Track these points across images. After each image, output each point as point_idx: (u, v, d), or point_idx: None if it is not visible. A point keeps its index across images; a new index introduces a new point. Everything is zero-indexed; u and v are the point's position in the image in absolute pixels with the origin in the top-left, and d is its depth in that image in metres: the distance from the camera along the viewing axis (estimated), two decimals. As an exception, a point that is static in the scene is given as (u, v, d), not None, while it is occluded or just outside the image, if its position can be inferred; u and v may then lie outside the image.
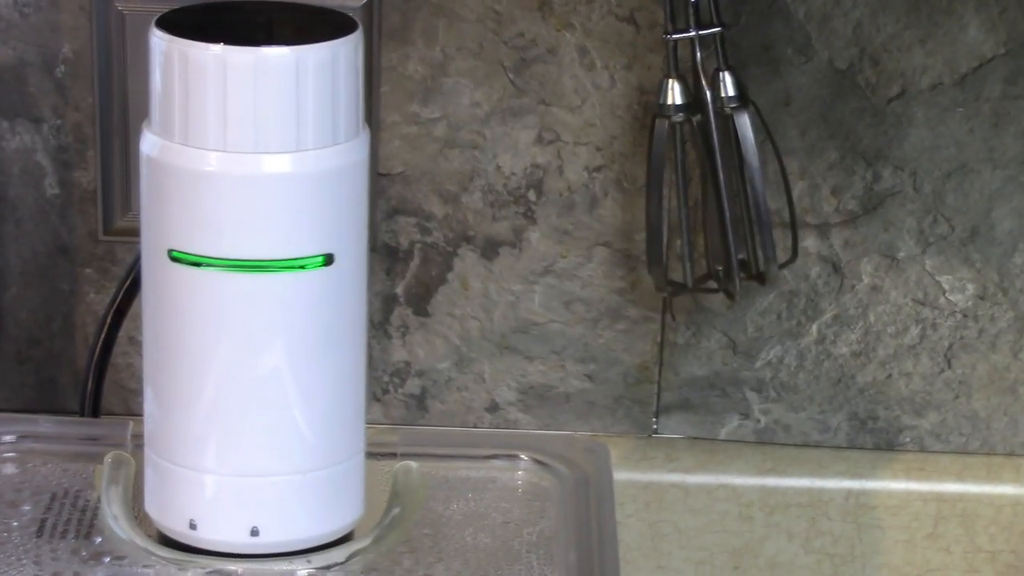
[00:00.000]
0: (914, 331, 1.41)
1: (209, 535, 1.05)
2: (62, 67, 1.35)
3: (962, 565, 1.41)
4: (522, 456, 1.16)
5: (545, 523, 1.12)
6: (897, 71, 1.35)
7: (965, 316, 1.40)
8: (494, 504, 1.14)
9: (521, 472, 1.16)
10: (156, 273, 1.03)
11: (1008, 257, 1.39)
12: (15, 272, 1.39)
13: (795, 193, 1.36)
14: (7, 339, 1.40)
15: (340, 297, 1.04)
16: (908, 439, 1.43)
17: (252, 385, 1.03)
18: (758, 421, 1.43)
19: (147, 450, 1.06)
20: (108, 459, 1.13)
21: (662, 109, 1.31)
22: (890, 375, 1.42)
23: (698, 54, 1.29)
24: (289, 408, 1.04)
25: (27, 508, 1.10)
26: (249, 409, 1.04)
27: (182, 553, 1.05)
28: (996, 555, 1.41)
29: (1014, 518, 1.41)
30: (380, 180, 1.37)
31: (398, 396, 1.42)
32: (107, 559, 1.05)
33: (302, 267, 1.01)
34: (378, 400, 1.40)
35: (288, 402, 1.04)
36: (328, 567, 1.05)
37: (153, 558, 1.05)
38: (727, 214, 1.30)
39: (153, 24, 1.00)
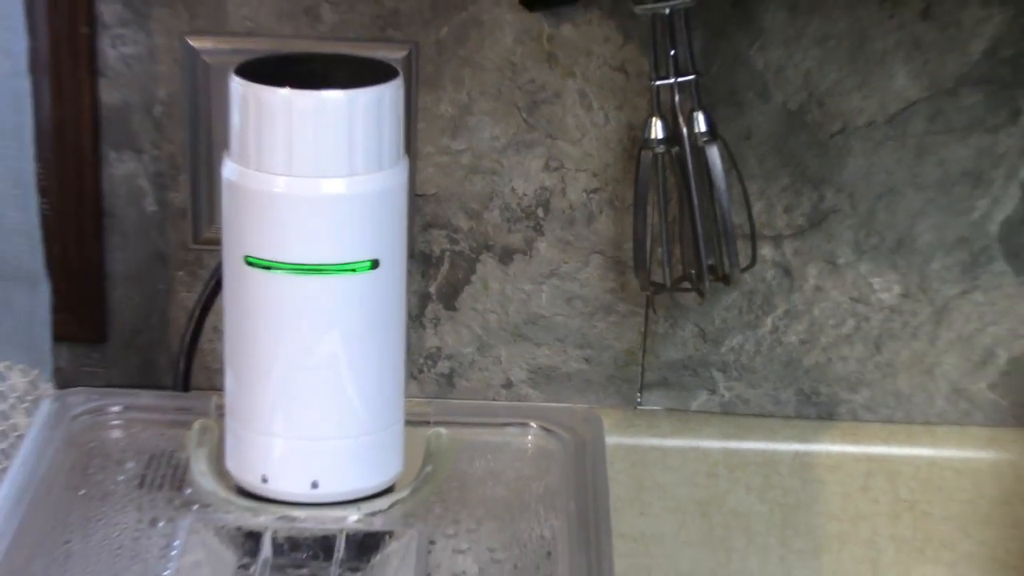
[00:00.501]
0: (850, 323, 1.40)
1: (277, 487, 1.04)
2: (159, 107, 1.33)
3: (887, 512, 1.40)
4: (531, 424, 1.15)
5: (550, 479, 1.11)
6: (838, 111, 1.34)
7: (892, 311, 1.39)
8: (508, 463, 1.13)
9: (531, 437, 1.15)
10: (235, 275, 1.02)
11: (927, 264, 1.38)
12: (121, 276, 1.38)
13: (754, 210, 1.35)
14: (115, 330, 1.39)
15: (384, 295, 1.03)
16: (844, 411, 1.42)
17: (312, 366, 1.02)
18: (723, 396, 1.42)
19: (227, 418, 1.06)
20: (196, 426, 1.12)
21: (647, 142, 1.29)
22: (830, 359, 1.41)
23: (676, 97, 1.28)
24: (342, 384, 1.03)
25: (131, 465, 1.09)
26: (309, 385, 1.03)
27: (255, 502, 1.04)
28: (914, 504, 1.40)
29: (929, 475, 1.40)
30: (417, 199, 1.35)
31: (431, 375, 1.41)
32: (195, 507, 1.04)
33: (353, 270, 1.01)
34: (414, 378, 1.40)
35: (341, 379, 1.03)
36: (374, 513, 1.04)
37: (232, 506, 1.04)
38: (699, 228, 1.29)
39: (232, 72, 0.99)
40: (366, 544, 1.03)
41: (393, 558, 1.02)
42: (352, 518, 1.04)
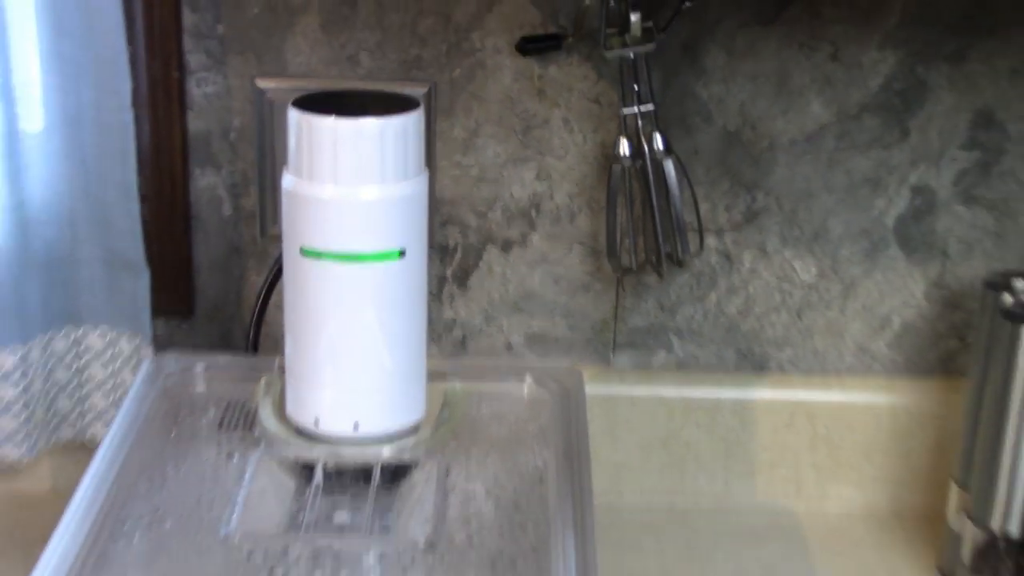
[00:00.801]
0: (777, 297, 1.41)
1: (326, 428, 1.05)
2: (233, 133, 1.35)
3: (806, 444, 1.41)
4: (527, 378, 1.16)
5: (542, 420, 1.12)
6: (766, 132, 1.35)
7: (809, 288, 1.40)
8: (509, 408, 1.14)
9: (526, 388, 1.16)
10: (292, 263, 1.04)
11: (837, 250, 1.38)
12: (205, 264, 1.39)
13: (701, 210, 1.36)
14: (200, 306, 1.40)
15: (410, 277, 1.05)
16: (773, 365, 1.43)
17: (353, 333, 1.04)
18: (678, 355, 1.43)
19: (287, 375, 1.07)
20: (263, 381, 1.13)
21: (616, 158, 1.31)
22: (762, 325, 1.42)
23: (639, 122, 1.29)
24: (377, 347, 1.05)
25: (211, 412, 1.11)
26: (351, 348, 1.05)
27: (309, 440, 1.06)
28: (828, 438, 1.40)
29: (840, 415, 1.41)
30: (436, 202, 1.36)
31: (447, 340, 1.42)
32: (262, 444, 1.06)
33: (385, 258, 1.02)
34: (434, 342, 1.40)
35: (376, 343, 1.05)
36: (403, 448, 1.06)
37: (291, 443, 1.06)
38: (658, 223, 1.31)
39: (290, 105, 1.01)
40: (397, 472, 1.04)
41: (418, 483, 1.03)
42: (386, 452, 1.06)
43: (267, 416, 1.09)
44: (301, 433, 1.07)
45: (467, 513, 1.00)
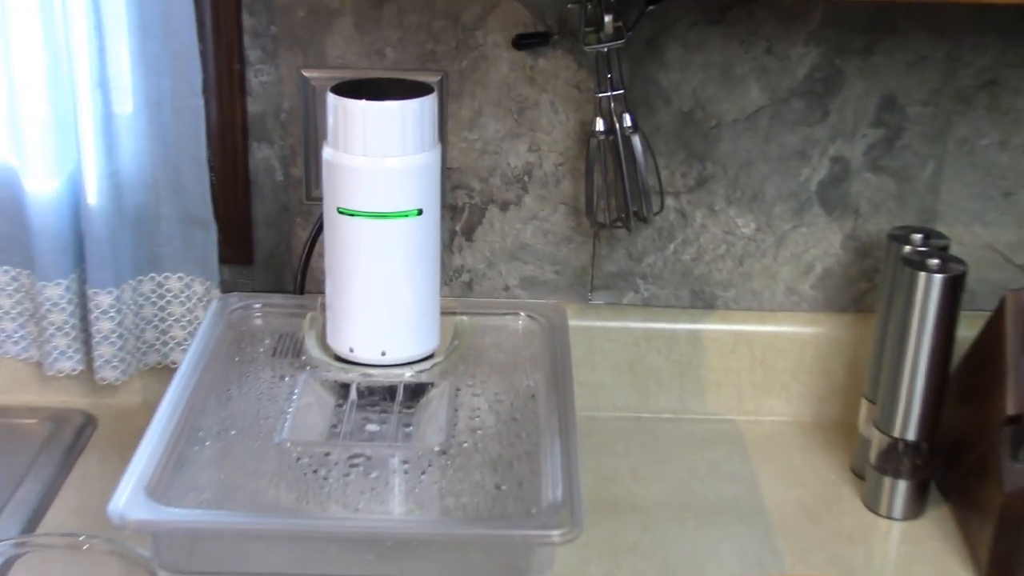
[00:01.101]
0: (723, 247, 1.40)
1: (360, 355, 1.06)
2: (283, 114, 1.35)
3: (747, 367, 1.41)
4: (521, 313, 1.17)
5: (534, 348, 1.13)
6: (714, 112, 1.35)
7: (749, 240, 1.40)
8: (507, 338, 1.14)
9: (521, 321, 1.16)
10: (331, 220, 1.05)
11: (771, 209, 1.38)
12: (261, 221, 1.38)
13: (662, 176, 1.36)
14: (258, 256, 1.39)
15: (426, 231, 1.06)
16: (720, 303, 1.43)
17: (380, 277, 1.05)
18: (643, 294, 1.43)
19: (328, 311, 1.08)
20: (308, 316, 1.14)
21: (593, 133, 1.31)
22: (711, 270, 1.42)
23: (612, 104, 1.29)
24: (400, 289, 1.06)
25: (267, 341, 1.12)
26: (379, 289, 1.06)
27: (346, 364, 1.06)
28: (764, 361, 1.41)
29: (773, 343, 1.41)
30: (447, 170, 1.36)
31: (457, 283, 1.41)
32: (307, 368, 1.06)
33: (406, 215, 1.03)
34: (446, 284, 1.40)
35: (399, 286, 1.06)
36: (421, 371, 1.06)
37: (331, 367, 1.07)
38: (627, 187, 1.31)
39: (329, 90, 1.01)
40: (416, 391, 1.05)
41: (433, 399, 1.04)
42: (408, 374, 1.06)
43: (311, 345, 1.09)
44: (339, 359, 1.07)
45: (473, 424, 1.00)
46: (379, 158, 1.01)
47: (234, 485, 0.92)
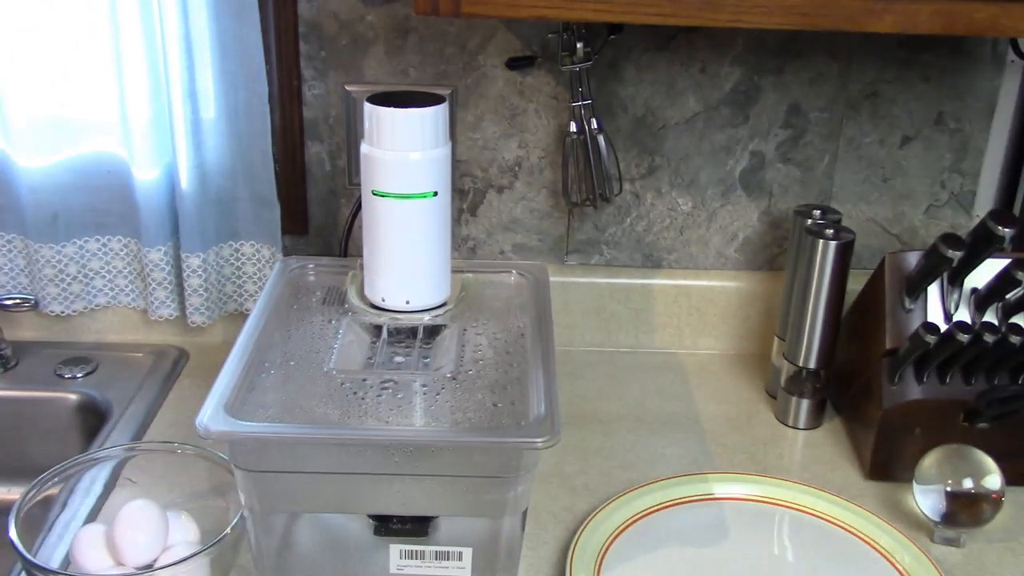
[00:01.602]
0: (667, 221, 1.38)
1: (390, 304, 1.04)
2: (331, 119, 1.32)
3: (685, 313, 1.40)
4: (513, 271, 1.15)
5: (523, 298, 1.11)
6: (661, 117, 1.32)
7: (688, 215, 1.38)
8: (502, 291, 1.12)
9: (513, 278, 1.14)
10: (368, 200, 1.02)
11: (705, 192, 1.36)
12: (314, 201, 1.36)
13: (621, 166, 1.33)
14: (312, 228, 1.37)
15: (440, 209, 1.03)
16: (665, 263, 1.41)
17: (405, 244, 1.02)
18: (606, 257, 1.41)
19: (365, 270, 1.05)
20: (350, 274, 1.11)
21: (568, 134, 1.28)
22: (658, 238, 1.39)
23: (582, 111, 1.27)
24: (421, 252, 1.03)
25: (318, 293, 1.09)
26: (405, 253, 1.02)
27: (379, 311, 1.04)
28: (700, 309, 1.39)
29: (707, 294, 1.39)
30: (456, 162, 1.34)
31: (464, 248, 1.40)
32: (349, 313, 1.04)
33: (425, 196, 1.00)
34: (456, 249, 1.38)
35: (420, 250, 1.03)
36: (436, 316, 1.04)
37: (368, 313, 1.04)
38: (593, 175, 1.29)
39: (365, 100, 0.99)
40: (433, 331, 1.03)
41: (446, 338, 1.02)
42: (426, 318, 1.04)
43: (352, 296, 1.07)
44: (373, 307, 1.05)
45: (476, 356, 0.99)
46: (404, 152, 0.99)
47: (292, 404, 0.91)
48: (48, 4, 1.22)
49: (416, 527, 0.92)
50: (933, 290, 1.14)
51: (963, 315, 1.13)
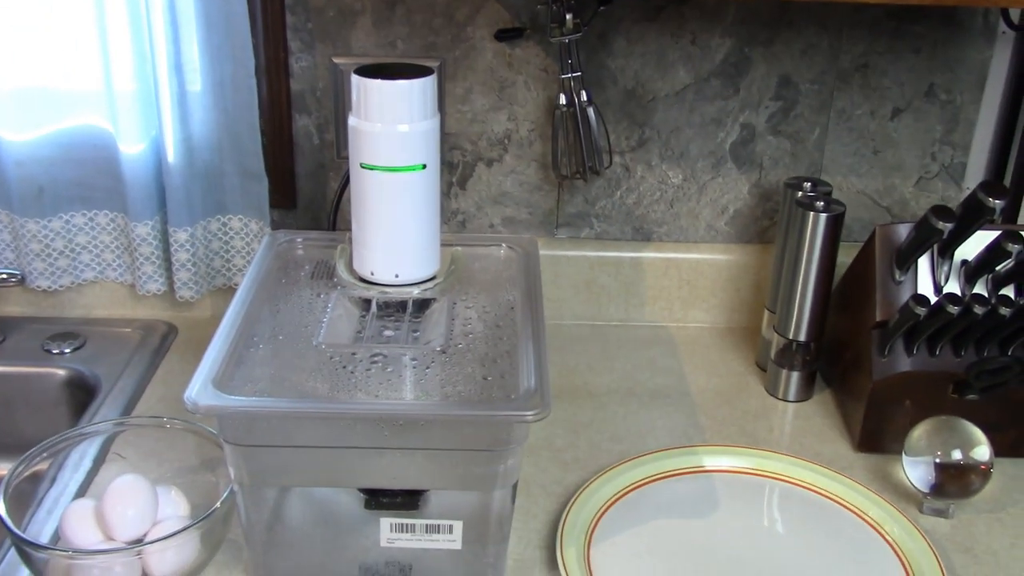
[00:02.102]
0: (657, 194, 1.38)
1: (379, 277, 1.03)
2: (319, 91, 1.31)
3: (675, 285, 1.39)
4: (503, 245, 1.14)
5: (512, 271, 1.10)
6: (651, 89, 1.32)
7: (678, 188, 1.38)
8: (491, 264, 1.12)
9: (503, 251, 1.14)
10: (356, 173, 1.01)
11: (695, 164, 1.36)
12: (303, 175, 1.35)
13: (611, 139, 1.33)
14: (300, 201, 1.37)
15: (429, 181, 1.02)
16: (655, 236, 1.40)
17: (395, 215, 1.02)
18: (596, 230, 1.40)
19: (354, 243, 1.05)
20: (339, 248, 1.11)
21: (558, 106, 1.28)
22: (648, 211, 1.39)
23: (572, 83, 1.26)
24: (410, 225, 1.02)
25: (307, 267, 1.08)
26: (394, 226, 1.02)
27: (368, 284, 1.04)
28: (690, 281, 1.39)
29: (697, 267, 1.39)
30: (445, 134, 1.33)
31: (453, 222, 1.39)
32: (338, 287, 1.04)
33: (413, 169, 1.00)
34: (446, 223, 1.38)
35: (409, 223, 1.02)
36: (426, 289, 1.04)
37: (356, 286, 1.04)
38: (583, 147, 1.28)
39: (353, 72, 0.98)
40: (422, 304, 1.03)
41: (436, 311, 1.02)
42: (415, 291, 1.04)
43: (341, 270, 1.07)
44: (362, 280, 1.05)
45: (466, 329, 0.99)
46: (392, 124, 0.98)
47: (281, 378, 0.91)
48: (31, -25, 1.21)
49: (407, 500, 0.92)
50: (923, 262, 1.14)
51: (953, 287, 1.13)
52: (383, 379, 0.91)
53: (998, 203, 1.02)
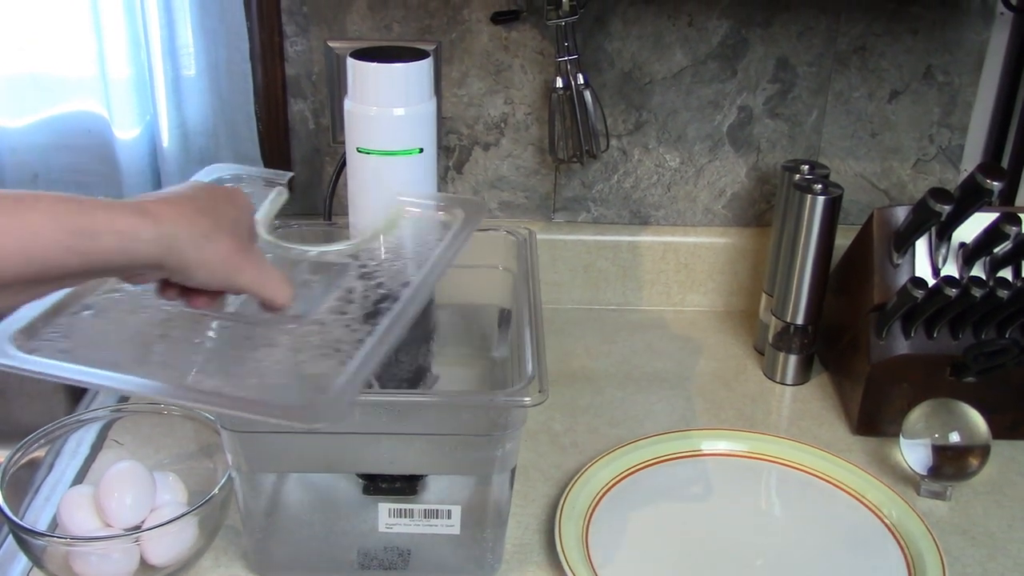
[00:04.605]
0: (655, 177, 1.38)
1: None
2: (314, 76, 1.31)
3: (673, 269, 1.40)
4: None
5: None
6: (648, 72, 1.32)
7: (675, 171, 1.37)
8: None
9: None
10: (352, 157, 1.01)
11: (692, 147, 1.36)
12: (298, 159, 1.35)
13: (608, 122, 1.33)
14: (296, 186, 1.37)
15: (425, 166, 1.02)
16: (652, 220, 1.40)
17: (392, 199, 1.01)
18: (593, 214, 1.40)
19: (350, 229, 1.05)
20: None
21: (554, 89, 1.27)
22: (645, 195, 1.39)
23: (568, 66, 1.26)
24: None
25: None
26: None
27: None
28: (688, 264, 1.39)
29: (695, 250, 1.39)
30: (442, 118, 1.33)
31: (451, 206, 1.39)
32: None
33: (410, 153, 0.99)
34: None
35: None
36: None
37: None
38: (580, 131, 1.28)
39: (348, 56, 0.98)
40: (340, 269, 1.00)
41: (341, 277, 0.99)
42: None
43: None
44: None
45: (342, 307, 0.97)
46: (388, 108, 0.98)
47: (98, 340, 0.83)
48: (24, -40, 1.21)
49: (405, 486, 0.92)
50: (921, 245, 1.14)
51: (951, 269, 1.13)
52: (195, 351, 0.81)
53: (996, 185, 1.02)
